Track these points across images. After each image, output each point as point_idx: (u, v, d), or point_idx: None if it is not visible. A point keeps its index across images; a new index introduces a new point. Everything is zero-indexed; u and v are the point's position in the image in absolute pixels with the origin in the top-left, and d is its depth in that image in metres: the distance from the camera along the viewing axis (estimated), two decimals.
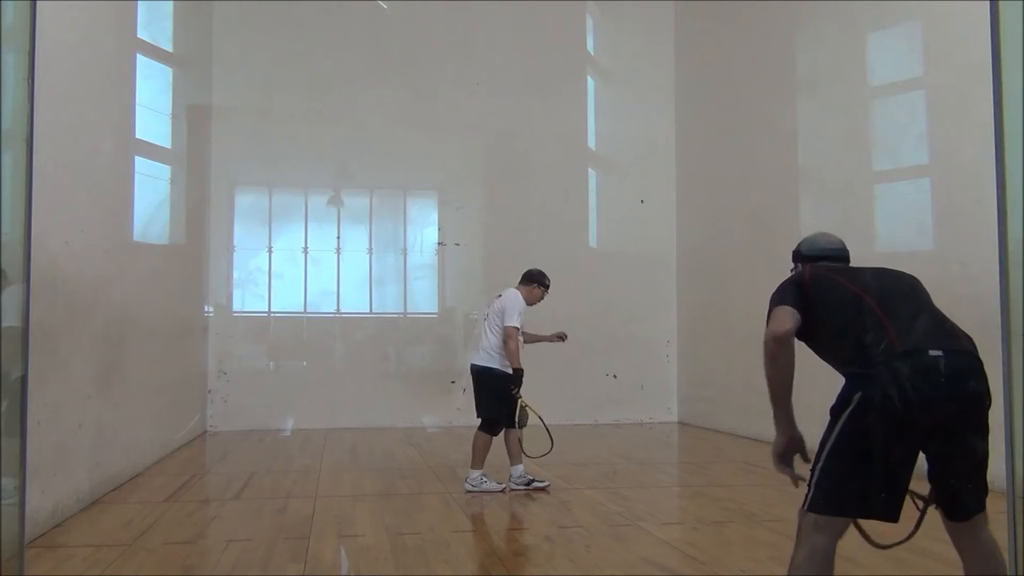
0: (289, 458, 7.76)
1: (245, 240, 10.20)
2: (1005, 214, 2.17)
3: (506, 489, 5.99)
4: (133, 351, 6.50)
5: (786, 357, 2.74)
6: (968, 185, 6.03)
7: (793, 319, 2.76)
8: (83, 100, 5.51)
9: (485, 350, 6.07)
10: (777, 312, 2.81)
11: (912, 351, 2.56)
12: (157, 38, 7.92)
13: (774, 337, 2.75)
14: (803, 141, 8.41)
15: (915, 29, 7.01)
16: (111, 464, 5.97)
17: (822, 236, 3.19)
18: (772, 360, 2.76)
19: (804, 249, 3.13)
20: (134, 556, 4.30)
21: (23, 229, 2.18)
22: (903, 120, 7.09)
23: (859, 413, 2.57)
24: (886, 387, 2.52)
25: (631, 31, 11.18)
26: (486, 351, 6.06)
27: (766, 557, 4.28)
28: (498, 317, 6.03)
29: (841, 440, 2.63)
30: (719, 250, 9.94)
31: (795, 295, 2.83)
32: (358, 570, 4.17)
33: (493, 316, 6.09)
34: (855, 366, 2.67)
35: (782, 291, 2.91)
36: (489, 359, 6.03)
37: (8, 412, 2.24)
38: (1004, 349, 2.22)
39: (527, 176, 10.62)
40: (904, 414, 2.51)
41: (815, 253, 3.09)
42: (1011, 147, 2.13)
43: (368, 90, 10.27)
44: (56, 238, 4.89)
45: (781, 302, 2.83)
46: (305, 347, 10.34)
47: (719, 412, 9.78)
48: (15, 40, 2.17)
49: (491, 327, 6.08)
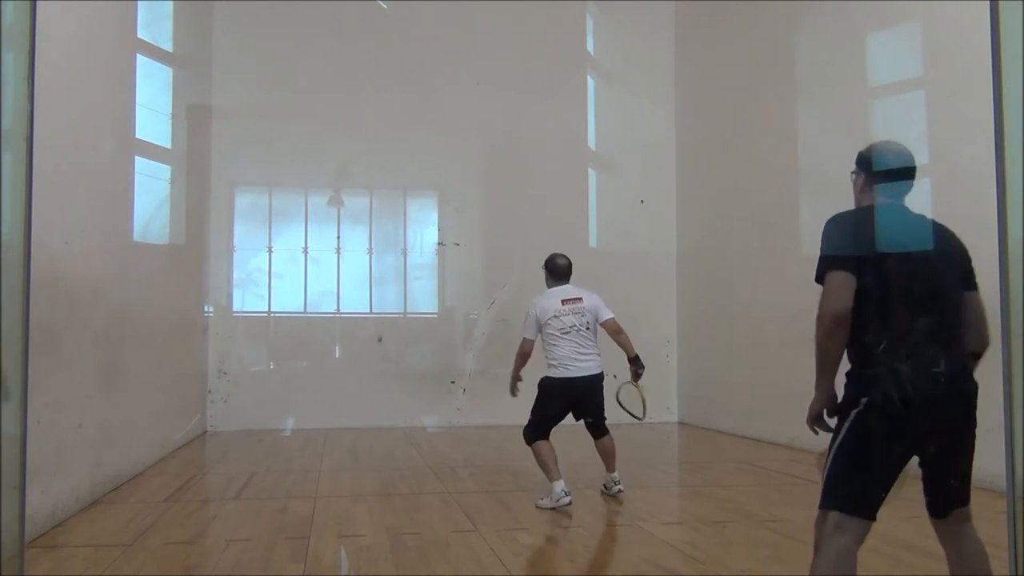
0: (289, 458, 7.76)
1: (245, 240, 10.20)
2: (1005, 214, 2.17)
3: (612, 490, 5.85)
4: (133, 351, 6.50)
5: (843, 335, 2.63)
6: (968, 185, 6.03)
7: (851, 291, 2.61)
8: (83, 100, 5.51)
9: (593, 357, 5.70)
10: (835, 282, 2.63)
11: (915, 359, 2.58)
12: (157, 38, 7.92)
13: (833, 317, 2.61)
14: (803, 141, 8.41)
15: (915, 29, 7.01)
16: (111, 464, 5.97)
17: (892, 145, 2.94)
18: (828, 336, 2.64)
19: (874, 160, 2.87)
20: (134, 556, 4.30)
21: (23, 229, 2.18)
22: (903, 120, 7.09)
23: (864, 416, 2.60)
24: (890, 393, 2.54)
25: (631, 31, 11.18)
26: (594, 358, 5.72)
27: (766, 557, 4.28)
28: (592, 317, 5.70)
29: (849, 442, 2.65)
30: (719, 250, 9.94)
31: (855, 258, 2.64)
32: (358, 570, 4.17)
33: (586, 319, 5.68)
34: (862, 364, 2.68)
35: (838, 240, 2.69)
36: (599, 364, 5.76)
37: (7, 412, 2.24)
38: (1004, 349, 2.22)
39: (527, 176, 10.62)
40: (906, 421, 2.54)
41: (881, 168, 2.84)
42: (1011, 147, 2.13)
43: (368, 90, 10.26)
44: (56, 238, 4.89)
45: (840, 265, 2.64)
46: (305, 347, 10.34)
47: (719, 412, 9.78)
48: (15, 40, 2.17)
49: (587, 332, 5.68)
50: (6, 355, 2.17)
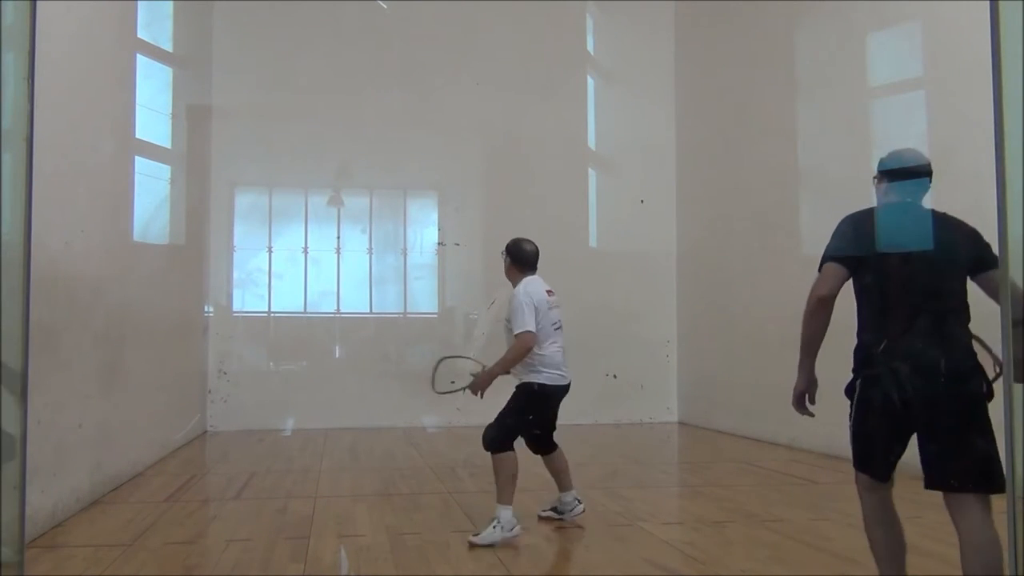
0: (289, 458, 7.76)
1: (245, 240, 10.20)
2: (1005, 214, 2.17)
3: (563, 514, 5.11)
4: (133, 351, 6.50)
5: (824, 317, 2.99)
6: (968, 185, 6.02)
7: (839, 281, 2.97)
8: (83, 100, 5.51)
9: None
10: (826, 271, 2.99)
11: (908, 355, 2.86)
12: (157, 38, 7.92)
13: (818, 299, 2.98)
14: (803, 141, 8.41)
15: (915, 29, 7.01)
16: (111, 464, 5.97)
17: (908, 151, 3.20)
18: (811, 316, 3.01)
19: (889, 163, 3.15)
20: (134, 556, 4.30)
21: (23, 229, 2.18)
22: (903, 120, 7.09)
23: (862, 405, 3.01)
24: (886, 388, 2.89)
25: (631, 31, 11.18)
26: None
27: (766, 557, 4.28)
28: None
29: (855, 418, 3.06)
30: (719, 250, 9.94)
31: (852, 250, 2.96)
32: (358, 570, 4.17)
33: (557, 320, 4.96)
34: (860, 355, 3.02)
35: (838, 244, 3.02)
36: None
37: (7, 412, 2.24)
38: (1004, 349, 2.22)
39: (527, 176, 10.62)
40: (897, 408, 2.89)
41: (894, 166, 3.13)
42: (1011, 147, 2.13)
43: (368, 90, 10.26)
44: (56, 238, 4.89)
45: (834, 256, 2.99)
46: (305, 347, 10.34)
47: (719, 412, 9.78)
48: (15, 40, 2.17)
49: (560, 334, 4.95)
50: (6, 355, 2.17)
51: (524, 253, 5.07)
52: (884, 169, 3.13)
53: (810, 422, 3.33)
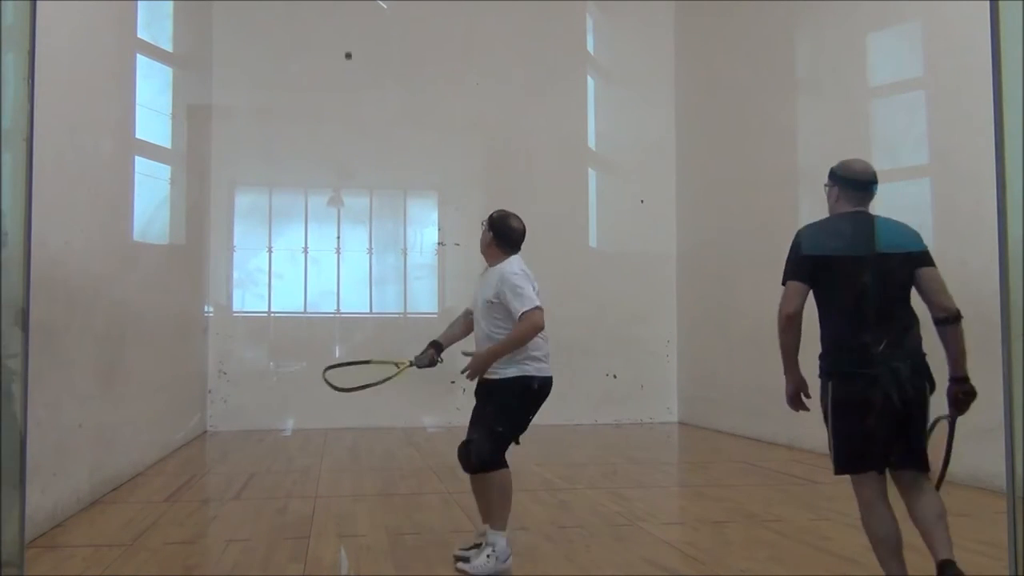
0: (289, 458, 7.76)
1: (245, 240, 10.20)
2: (1005, 214, 2.17)
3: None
4: (133, 351, 6.50)
5: (795, 330, 3.26)
6: (968, 185, 6.03)
7: (803, 296, 3.25)
8: (83, 100, 5.51)
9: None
10: (789, 290, 3.27)
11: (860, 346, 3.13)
12: (157, 38, 7.91)
13: (786, 317, 3.25)
14: (803, 141, 8.41)
15: (915, 29, 7.00)
16: (111, 464, 5.97)
17: (858, 162, 3.44)
18: (783, 332, 3.28)
19: (839, 171, 3.42)
20: (134, 556, 4.30)
21: (23, 229, 2.18)
22: (903, 120, 7.09)
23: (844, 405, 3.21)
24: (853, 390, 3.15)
25: (631, 31, 11.18)
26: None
27: (766, 557, 4.28)
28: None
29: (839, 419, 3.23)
30: (719, 250, 9.93)
31: (808, 267, 3.24)
32: (358, 570, 4.17)
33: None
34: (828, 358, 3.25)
35: (796, 261, 3.29)
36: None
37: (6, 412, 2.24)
38: (1004, 349, 2.22)
39: (527, 176, 10.61)
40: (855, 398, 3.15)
41: (848, 176, 3.38)
42: (1011, 147, 2.13)
43: (368, 90, 10.26)
44: (56, 238, 4.89)
45: (794, 275, 3.27)
46: (305, 347, 10.33)
47: (719, 412, 9.78)
48: (15, 40, 2.17)
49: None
50: (6, 354, 2.17)
51: (511, 232, 4.21)
52: (836, 178, 3.40)
53: (810, 422, 3.39)
